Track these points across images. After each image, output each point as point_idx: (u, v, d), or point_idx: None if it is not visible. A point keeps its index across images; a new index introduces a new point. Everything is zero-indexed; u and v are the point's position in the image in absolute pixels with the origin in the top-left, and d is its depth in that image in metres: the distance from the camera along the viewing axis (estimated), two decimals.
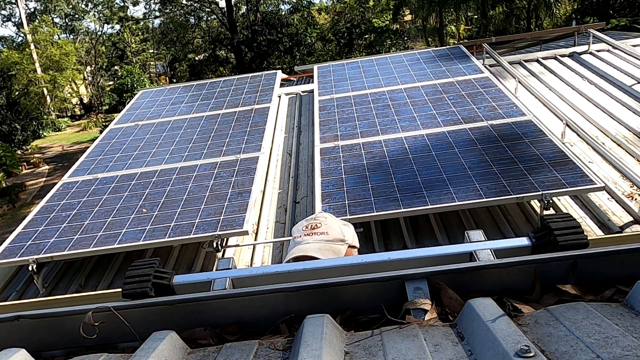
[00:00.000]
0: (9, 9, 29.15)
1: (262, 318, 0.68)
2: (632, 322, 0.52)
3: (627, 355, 0.45)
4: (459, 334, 0.56)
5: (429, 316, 0.62)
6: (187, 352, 0.61)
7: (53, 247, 3.07)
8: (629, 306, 0.57)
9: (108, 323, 0.67)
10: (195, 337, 0.66)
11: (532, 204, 3.16)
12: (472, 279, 0.67)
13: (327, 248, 1.33)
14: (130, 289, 0.74)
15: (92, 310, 0.66)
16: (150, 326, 0.65)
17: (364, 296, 0.68)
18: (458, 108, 3.95)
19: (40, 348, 0.69)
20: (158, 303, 0.68)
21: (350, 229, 1.46)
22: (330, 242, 1.36)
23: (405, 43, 25.24)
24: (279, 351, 0.58)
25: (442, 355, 0.52)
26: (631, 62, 4.91)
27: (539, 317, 0.56)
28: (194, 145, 4.14)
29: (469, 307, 0.58)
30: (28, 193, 15.73)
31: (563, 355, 0.47)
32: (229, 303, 0.68)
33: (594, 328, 0.50)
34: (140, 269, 0.77)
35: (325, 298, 0.67)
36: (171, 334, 0.61)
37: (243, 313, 0.68)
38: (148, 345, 0.58)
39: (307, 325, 0.58)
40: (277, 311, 0.68)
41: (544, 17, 20.56)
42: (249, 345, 0.60)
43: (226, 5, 24.38)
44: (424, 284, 0.67)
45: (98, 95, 27.97)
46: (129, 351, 0.65)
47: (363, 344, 0.57)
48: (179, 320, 0.68)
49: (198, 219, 3.09)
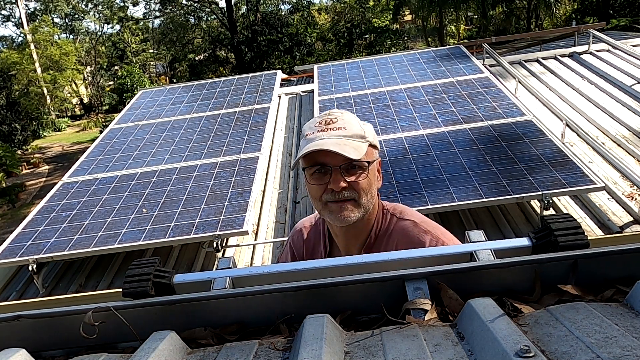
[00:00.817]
0: (9, 9, 29.17)
1: (262, 318, 0.68)
2: (632, 322, 0.52)
3: (627, 355, 0.45)
4: (459, 334, 0.56)
5: (429, 316, 0.62)
6: (187, 352, 0.61)
7: (53, 247, 3.07)
8: (629, 306, 0.57)
9: (108, 323, 0.67)
10: (195, 337, 0.66)
11: (532, 204, 3.16)
12: (472, 279, 0.67)
13: (346, 143, 1.15)
14: (131, 287, 0.74)
15: (92, 310, 0.66)
16: (150, 326, 0.65)
17: (364, 296, 0.68)
18: (458, 108, 3.95)
19: (40, 348, 0.69)
20: (158, 303, 0.68)
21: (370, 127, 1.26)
22: (349, 138, 1.17)
23: (405, 43, 25.24)
24: (279, 351, 0.58)
25: (442, 355, 0.52)
26: (631, 62, 4.91)
27: (539, 317, 0.56)
28: (194, 145, 4.14)
29: (469, 307, 0.58)
30: (28, 193, 15.74)
31: (563, 355, 0.47)
32: (229, 303, 0.68)
33: (594, 328, 0.50)
34: (140, 268, 0.77)
35: (325, 298, 0.67)
36: (171, 334, 0.61)
37: (243, 313, 0.68)
38: (148, 345, 0.58)
39: (307, 325, 0.58)
40: (277, 311, 0.68)
41: (544, 17, 20.56)
42: (249, 345, 0.60)
43: (226, 5, 24.38)
44: (424, 284, 0.67)
45: (98, 95, 27.97)
46: (129, 351, 0.65)
47: (363, 344, 0.57)
48: (178, 320, 0.68)
49: (198, 219, 3.09)
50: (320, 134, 1.18)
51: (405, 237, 1.24)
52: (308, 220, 1.48)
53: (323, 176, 1.18)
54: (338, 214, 1.19)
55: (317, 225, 1.43)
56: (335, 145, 1.14)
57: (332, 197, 1.19)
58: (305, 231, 1.44)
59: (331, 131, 1.18)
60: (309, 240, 1.42)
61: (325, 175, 1.18)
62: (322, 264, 0.81)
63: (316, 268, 0.81)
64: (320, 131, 1.18)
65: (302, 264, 0.82)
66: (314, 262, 0.82)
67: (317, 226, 1.43)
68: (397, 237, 1.26)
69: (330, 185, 1.17)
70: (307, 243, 1.42)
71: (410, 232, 1.25)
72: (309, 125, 1.23)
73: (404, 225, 1.27)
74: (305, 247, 1.42)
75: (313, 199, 1.24)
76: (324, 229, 1.39)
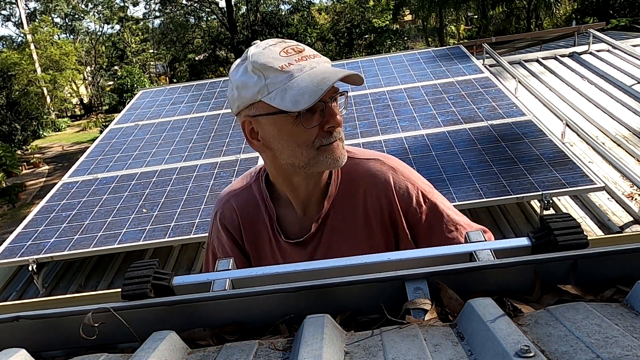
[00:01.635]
0: (9, 9, 29.17)
1: (262, 318, 0.68)
2: (632, 322, 0.52)
3: (627, 355, 0.45)
4: (459, 334, 0.56)
5: (429, 316, 0.62)
6: (187, 352, 0.61)
7: (53, 247, 3.07)
8: (629, 306, 0.57)
9: (108, 323, 0.67)
10: (195, 337, 0.66)
11: (532, 204, 3.16)
12: (472, 279, 0.67)
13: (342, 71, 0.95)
14: (130, 290, 0.74)
15: (92, 311, 0.66)
16: (150, 327, 0.65)
17: (364, 296, 0.68)
18: (458, 108, 3.95)
19: (40, 348, 0.69)
20: (157, 304, 0.68)
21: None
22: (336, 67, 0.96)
23: (405, 43, 25.24)
24: (279, 351, 0.58)
25: (442, 355, 0.52)
26: (631, 62, 4.91)
27: (539, 317, 0.56)
28: (194, 145, 4.14)
29: (469, 307, 0.58)
30: (28, 193, 15.74)
31: (563, 355, 0.47)
32: (229, 304, 0.68)
33: (594, 328, 0.50)
34: (139, 270, 0.77)
35: (325, 298, 0.67)
36: (171, 334, 0.61)
37: (243, 313, 0.68)
38: (148, 345, 0.58)
39: (307, 325, 0.58)
40: (277, 311, 0.68)
41: (544, 17, 20.56)
42: (249, 346, 0.60)
43: (226, 5, 24.39)
44: (424, 284, 0.67)
45: (98, 95, 27.97)
46: (128, 351, 0.65)
47: (363, 344, 0.57)
48: (178, 321, 0.68)
49: (198, 219, 3.09)
50: (305, 62, 0.94)
51: (371, 177, 1.10)
52: (234, 188, 1.20)
53: (312, 115, 0.96)
54: (335, 154, 1.00)
55: (250, 189, 1.17)
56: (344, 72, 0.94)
57: (328, 139, 0.99)
58: (236, 199, 1.17)
59: (311, 59, 0.95)
60: (243, 209, 1.16)
61: (314, 114, 0.96)
62: (322, 264, 0.81)
63: (316, 269, 0.81)
64: (301, 60, 0.94)
65: (302, 265, 0.82)
66: (314, 262, 0.82)
67: (250, 190, 1.17)
68: (362, 181, 1.10)
69: (330, 123, 0.97)
70: (243, 212, 1.15)
71: (376, 172, 1.10)
72: (272, 56, 0.94)
73: (369, 166, 1.11)
74: (241, 217, 1.15)
75: (298, 147, 0.99)
76: (261, 190, 1.14)
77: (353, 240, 1.11)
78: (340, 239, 1.11)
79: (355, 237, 1.11)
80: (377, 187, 1.10)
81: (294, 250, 1.13)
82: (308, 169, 1.02)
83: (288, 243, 1.13)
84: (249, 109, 0.99)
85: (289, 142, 0.99)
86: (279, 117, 0.96)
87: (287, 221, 1.14)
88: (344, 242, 1.11)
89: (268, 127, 0.99)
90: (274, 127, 0.98)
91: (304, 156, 0.99)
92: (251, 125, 1.01)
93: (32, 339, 0.68)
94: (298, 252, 1.13)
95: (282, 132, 0.98)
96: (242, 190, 1.18)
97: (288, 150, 1.00)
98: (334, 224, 1.11)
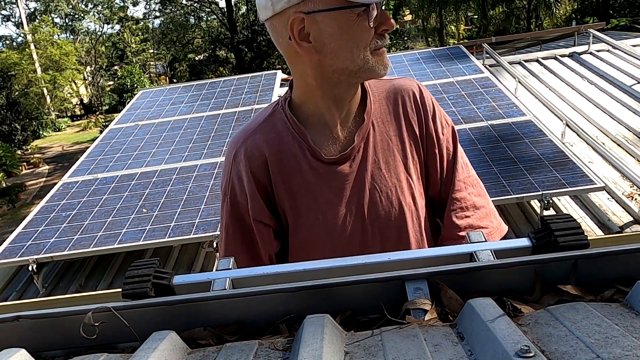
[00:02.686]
0: (9, 9, 29.18)
1: (262, 318, 0.68)
2: (632, 322, 0.52)
3: (627, 355, 0.45)
4: (459, 334, 0.56)
5: (429, 316, 0.62)
6: (187, 352, 0.61)
7: (53, 247, 3.07)
8: (629, 306, 0.57)
9: (108, 323, 0.67)
10: (195, 337, 0.66)
11: (532, 204, 3.16)
12: (473, 279, 0.67)
13: None
14: (130, 289, 0.74)
15: (92, 310, 0.66)
16: (150, 326, 0.65)
17: (364, 296, 0.68)
18: (458, 108, 3.95)
19: (40, 348, 0.69)
20: (158, 303, 0.68)
21: None
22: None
23: (405, 43, 25.25)
24: (279, 351, 0.58)
25: (442, 355, 0.52)
26: (631, 62, 4.91)
27: (539, 317, 0.56)
28: (194, 145, 4.14)
29: (469, 307, 0.58)
30: (28, 193, 15.73)
31: (563, 355, 0.47)
32: (229, 303, 0.68)
33: (594, 328, 0.50)
34: (140, 269, 0.77)
35: (325, 298, 0.67)
36: (171, 334, 0.61)
37: (243, 313, 0.68)
38: (148, 345, 0.58)
39: (307, 325, 0.58)
40: (277, 311, 0.67)
41: (544, 17, 20.56)
42: (249, 345, 0.60)
43: (226, 5, 24.38)
44: (424, 284, 0.67)
45: (98, 95, 27.97)
46: (128, 351, 0.65)
47: (363, 344, 0.57)
48: (178, 321, 0.68)
49: (198, 219, 3.09)
50: None
51: (402, 91, 1.09)
52: (251, 126, 1.07)
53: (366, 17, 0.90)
54: (385, 60, 0.97)
55: (271, 119, 1.05)
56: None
57: (383, 41, 0.95)
58: (258, 133, 1.05)
59: None
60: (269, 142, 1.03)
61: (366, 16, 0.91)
62: (323, 264, 0.81)
63: (316, 269, 0.81)
64: None
65: (302, 265, 0.82)
66: (314, 262, 0.82)
67: (272, 120, 1.05)
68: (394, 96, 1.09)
69: (386, 25, 0.94)
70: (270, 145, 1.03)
71: (407, 85, 1.10)
72: None
73: (400, 82, 1.12)
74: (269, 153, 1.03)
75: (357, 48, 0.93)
76: (286, 118, 1.04)
77: (391, 154, 1.08)
78: (380, 154, 1.07)
79: (392, 152, 1.08)
80: (409, 97, 1.10)
81: (333, 172, 1.04)
82: (360, 74, 0.96)
83: (326, 164, 1.04)
84: (304, 4, 0.89)
85: (348, 42, 0.92)
86: (342, 14, 0.89)
87: (320, 143, 1.04)
88: (382, 158, 1.07)
89: (326, 25, 0.91)
90: (334, 25, 0.91)
91: (360, 59, 0.94)
92: (302, 24, 0.91)
93: (32, 339, 0.68)
94: (337, 174, 1.04)
95: (342, 30, 0.91)
96: (263, 124, 1.06)
97: (345, 52, 0.93)
98: (374, 139, 1.07)
